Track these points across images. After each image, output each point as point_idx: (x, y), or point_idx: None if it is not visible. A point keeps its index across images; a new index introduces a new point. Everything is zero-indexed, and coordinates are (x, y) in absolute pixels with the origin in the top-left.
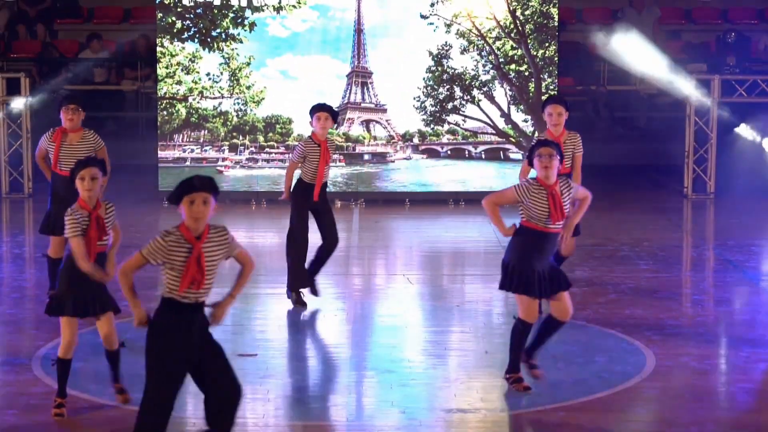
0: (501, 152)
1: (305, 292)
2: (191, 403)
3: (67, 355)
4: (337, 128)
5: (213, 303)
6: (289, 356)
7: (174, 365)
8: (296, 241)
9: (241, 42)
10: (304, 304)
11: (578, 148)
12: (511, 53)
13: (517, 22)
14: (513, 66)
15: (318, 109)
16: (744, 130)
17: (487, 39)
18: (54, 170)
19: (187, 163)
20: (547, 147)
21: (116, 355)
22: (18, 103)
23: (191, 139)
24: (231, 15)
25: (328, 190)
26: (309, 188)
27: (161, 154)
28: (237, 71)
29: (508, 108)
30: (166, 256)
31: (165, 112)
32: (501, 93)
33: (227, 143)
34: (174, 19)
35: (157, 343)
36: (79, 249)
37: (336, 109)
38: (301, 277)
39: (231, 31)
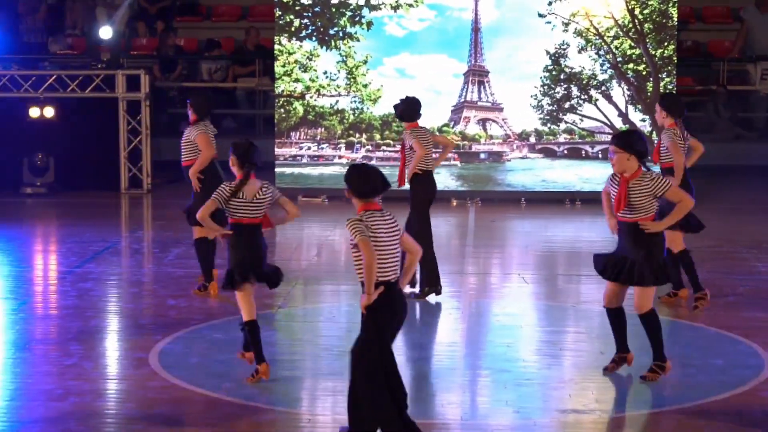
0: None
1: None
2: (306, 399)
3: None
4: (453, 126)
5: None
6: (404, 354)
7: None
8: None
9: (359, 40)
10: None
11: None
12: (629, 52)
13: (636, 21)
14: (631, 65)
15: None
16: None
17: (605, 38)
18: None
19: (304, 161)
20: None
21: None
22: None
23: (308, 137)
24: (349, 13)
25: (444, 188)
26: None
27: (278, 151)
28: (354, 69)
29: (626, 107)
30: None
31: (282, 110)
32: (618, 92)
33: (344, 141)
34: (292, 17)
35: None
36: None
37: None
38: None
39: (348, 29)
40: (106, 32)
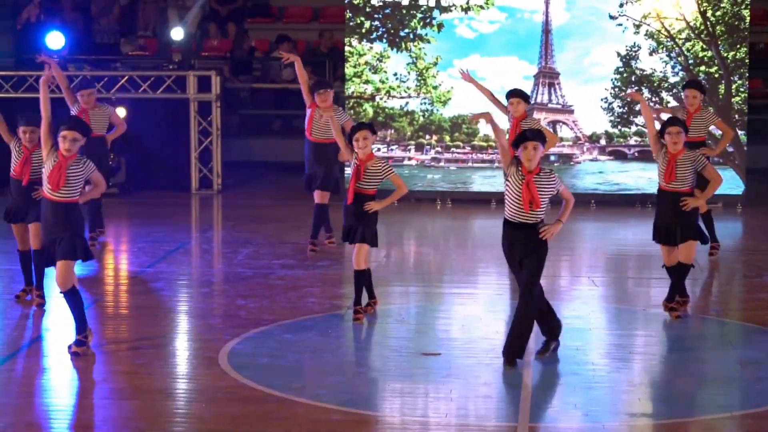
0: None
1: None
2: (375, 400)
3: (360, 266)
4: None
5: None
6: (473, 356)
7: (509, 262)
8: None
9: (429, 42)
10: None
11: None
12: (701, 55)
13: (708, 23)
14: (703, 68)
15: (510, 95)
16: None
17: (677, 40)
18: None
19: None
20: (677, 125)
21: (362, 275)
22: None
23: (378, 138)
24: (419, 15)
25: None
26: None
27: None
28: (424, 71)
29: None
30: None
31: (352, 111)
32: None
33: (413, 142)
34: (362, 19)
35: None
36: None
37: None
38: None
39: (419, 31)
40: (177, 33)
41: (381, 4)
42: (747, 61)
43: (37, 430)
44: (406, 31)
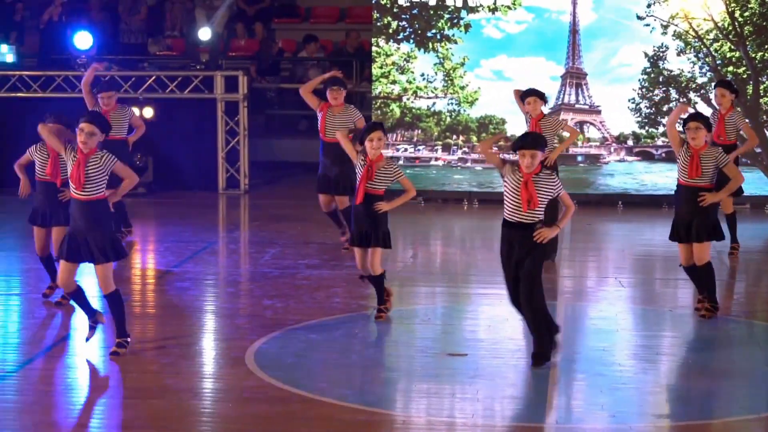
0: None
1: None
2: (400, 400)
3: (377, 272)
4: None
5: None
6: (499, 357)
7: (504, 264)
8: None
9: (456, 42)
10: None
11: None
12: (729, 55)
13: (736, 23)
14: (731, 68)
15: (526, 95)
16: None
17: (705, 41)
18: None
19: (400, 162)
20: (696, 121)
21: (374, 278)
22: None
23: (405, 139)
24: (446, 16)
25: None
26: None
27: None
28: (451, 71)
29: None
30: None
31: (379, 112)
32: None
33: (440, 143)
34: (390, 19)
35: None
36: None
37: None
38: None
39: (446, 31)
40: (204, 33)
41: (408, 4)
42: None
43: (63, 429)
44: (434, 31)
